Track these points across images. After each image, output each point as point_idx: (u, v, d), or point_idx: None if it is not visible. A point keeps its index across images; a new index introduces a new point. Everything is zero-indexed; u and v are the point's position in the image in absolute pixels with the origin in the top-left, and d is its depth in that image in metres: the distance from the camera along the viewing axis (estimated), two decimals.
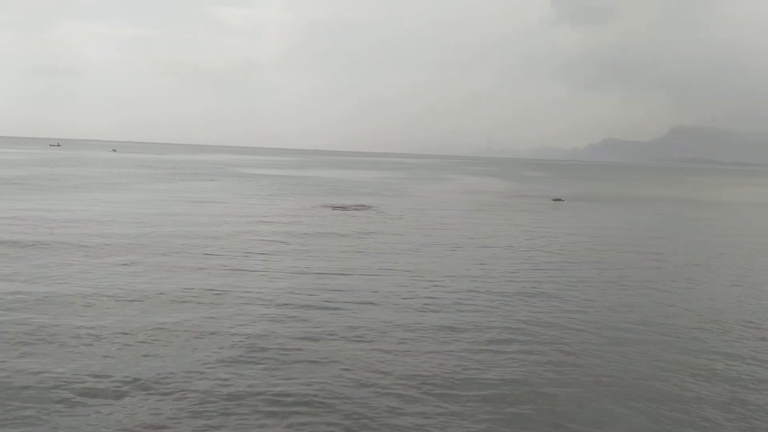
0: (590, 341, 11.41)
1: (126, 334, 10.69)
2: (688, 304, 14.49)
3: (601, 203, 46.36)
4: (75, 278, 14.56)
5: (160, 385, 8.58)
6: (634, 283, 16.53)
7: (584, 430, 8.02)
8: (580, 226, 30.00)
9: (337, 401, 8.39)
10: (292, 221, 27.07)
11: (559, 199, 46.23)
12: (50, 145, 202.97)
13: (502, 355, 10.44)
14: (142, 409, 7.90)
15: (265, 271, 16.20)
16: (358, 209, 32.77)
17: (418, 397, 8.60)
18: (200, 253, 18.36)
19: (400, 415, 8.09)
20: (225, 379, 8.88)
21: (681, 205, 47.89)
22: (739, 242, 26.22)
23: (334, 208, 33.14)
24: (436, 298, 14.05)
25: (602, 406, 8.69)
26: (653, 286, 16.31)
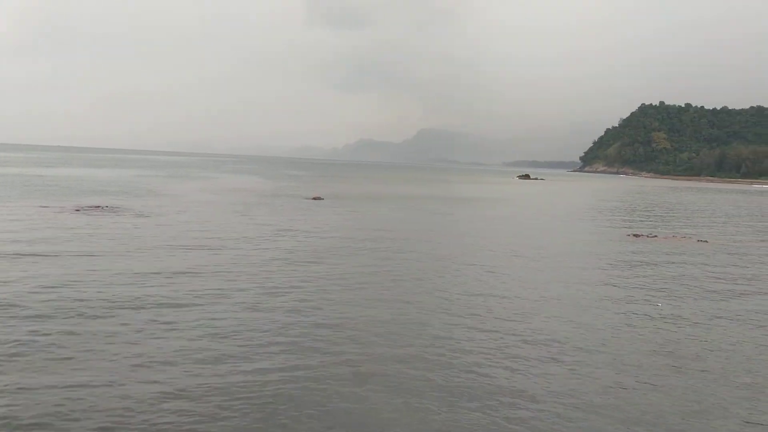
0: (347, 334, 11.58)
1: None
2: (435, 292, 15.49)
3: (358, 201, 48.28)
4: None
5: None
6: (387, 276, 17.25)
7: (346, 419, 8.10)
8: (337, 223, 30.78)
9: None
10: (29, 226, 23.80)
11: (319, 198, 47.16)
12: None
13: (261, 349, 10.19)
14: None
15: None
16: (102, 211, 29.99)
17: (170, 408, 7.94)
18: None
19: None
20: None
21: (427, 201, 51.81)
22: (481, 234, 28.99)
23: (77, 210, 29.95)
24: (187, 303, 13.26)
25: (362, 394, 8.96)
26: (406, 277, 17.19)
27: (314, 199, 46.49)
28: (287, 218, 31.76)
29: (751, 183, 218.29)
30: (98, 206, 32.04)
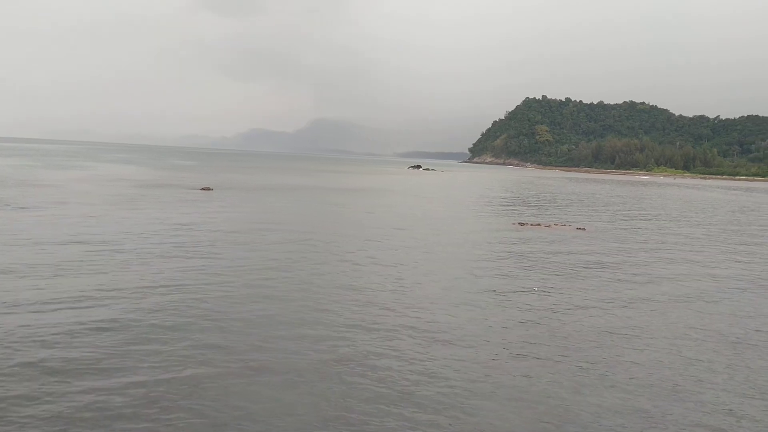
0: (236, 329, 11.36)
1: None
2: (326, 285, 15.50)
3: (249, 192, 47.33)
4: None
5: None
6: (278, 270, 17.03)
7: (237, 414, 8.02)
8: (227, 215, 30.04)
9: None
10: None
11: (208, 188, 45.82)
12: None
13: (146, 347, 9.79)
14: None
15: None
16: None
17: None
18: None
19: None
20: None
21: (320, 192, 51.68)
22: (371, 225, 29.21)
23: None
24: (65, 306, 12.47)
25: (254, 389, 8.87)
26: (297, 271, 17.06)
27: (203, 190, 45.12)
28: (174, 211, 30.60)
29: (624, 173, 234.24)
30: None
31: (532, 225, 32.28)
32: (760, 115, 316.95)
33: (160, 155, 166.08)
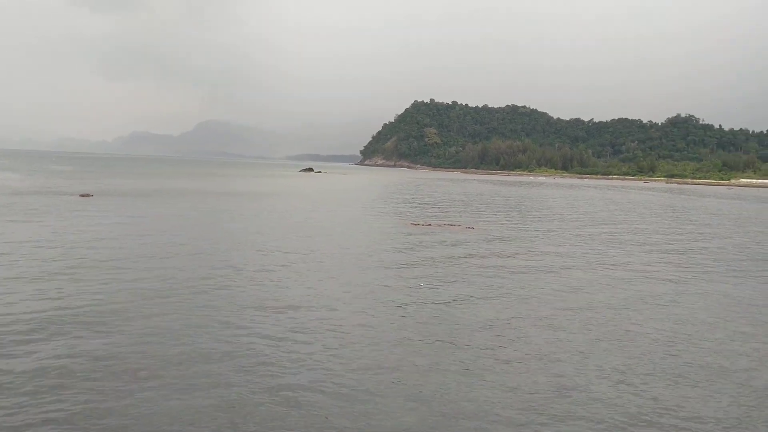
0: (119, 339, 10.81)
1: None
2: (216, 288, 15.15)
3: (131, 197, 45.20)
4: None
5: None
6: (161, 280, 16.40)
7: (125, 423, 7.72)
8: (109, 222, 28.53)
9: None
10: None
11: (88, 195, 43.34)
12: None
13: (28, 358, 9.09)
14: None
15: None
16: None
17: None
18: None
19: None
20: None
21: (205, 197, 50.25)
22: (257, 231, 28.72)
23: None
24: None
25: (143, 396, 8.46)
26: (181, 279, 16.50)
27: (82, 196, 42.61)
28: (48, 219, 28.67)
29: (509, 174, 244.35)
30: None
31: (424, 225, 32.94)
32: (629, 117, 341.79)
33: (34, 160, 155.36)
